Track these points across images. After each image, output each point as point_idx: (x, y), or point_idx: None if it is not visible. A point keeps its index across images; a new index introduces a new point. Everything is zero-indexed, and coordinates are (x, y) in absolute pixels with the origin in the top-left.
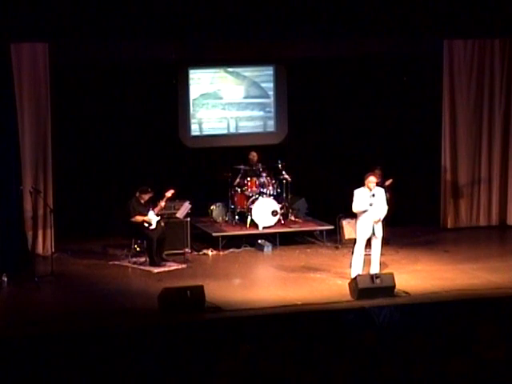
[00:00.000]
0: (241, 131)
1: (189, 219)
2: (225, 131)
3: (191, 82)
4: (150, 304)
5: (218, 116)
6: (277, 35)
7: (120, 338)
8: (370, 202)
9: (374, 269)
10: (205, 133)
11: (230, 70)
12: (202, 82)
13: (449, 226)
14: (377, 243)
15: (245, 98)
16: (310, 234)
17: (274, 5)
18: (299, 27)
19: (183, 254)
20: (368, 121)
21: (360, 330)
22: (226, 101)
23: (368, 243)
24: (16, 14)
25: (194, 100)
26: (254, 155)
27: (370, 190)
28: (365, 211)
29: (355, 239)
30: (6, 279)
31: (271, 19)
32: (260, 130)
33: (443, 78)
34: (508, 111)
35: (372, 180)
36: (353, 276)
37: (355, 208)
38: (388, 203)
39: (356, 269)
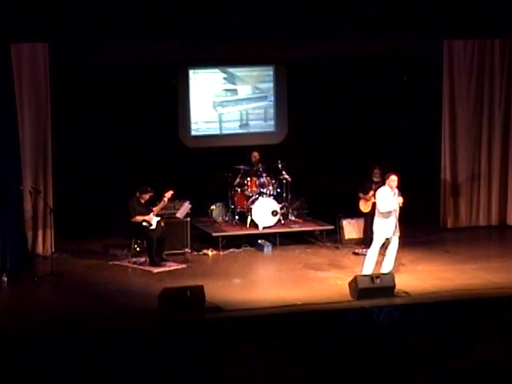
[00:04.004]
0: (245, 130)
1: (189, 219)
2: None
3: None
4: (150, 304)
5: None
6: (277, 35)
7: (120, 338)
8: (398, 201)
9: (389, 267)
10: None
11: (231, 70)
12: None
13: (449, 226)
14: (396, 241)
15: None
16: (310, 234)
17: (274, 5)
18: (299, 27)
19: (183, 253)
20: (368, 121)
21: (360, 330)
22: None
23: (370, 243)
24: (16, 14)
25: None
26: (255, 155)
27: (392, 188)
28: (390, 211)
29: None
30: (6, 279)
31: (271, 19)
32: (262, 124)
33: (443, 78)
34: (508, 111)
35: (394, 179)
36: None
37: (384, 208)
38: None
39: (369, 268)
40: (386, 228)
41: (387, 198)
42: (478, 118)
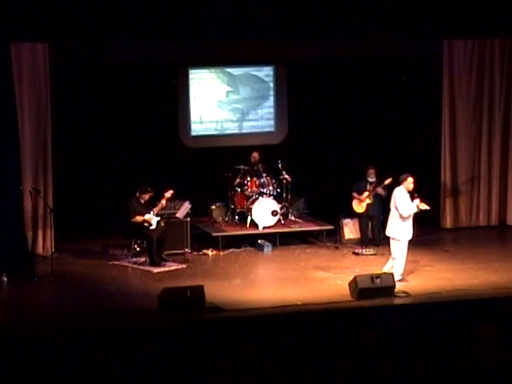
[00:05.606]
0: (245, 130)
1: (189, 219)
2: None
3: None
4: (150, 304)
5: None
6: (277, 35)
7: (120, 338)
8: (416, 203)
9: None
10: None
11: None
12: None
13: (449, 226)
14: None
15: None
16: (310, 233)
17: (274, 5)
18: (299, 27)
19: (183, 253)
20: (368, 121)
21: (360, 330)
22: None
23: (370, 243)
24: (16, 14)
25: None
26: (255, 156)
27: (410, 190)
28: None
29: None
30: (5, 279)
31: (271, 19)
32: (262, 124)
33: (443, 78)
34: (508, 111)
35: (412, 181)
36: (397, 279)
37: (407, 212)
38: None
39: (400, 271)
40: (407, 231)
41: (408, 201)
42: (478, 118)
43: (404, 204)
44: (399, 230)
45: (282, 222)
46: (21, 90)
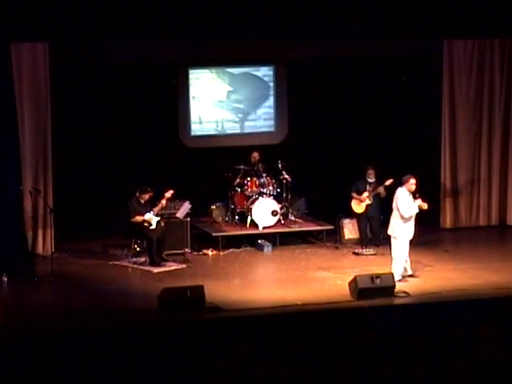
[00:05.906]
0: (245, 130)
1: (189, 219)
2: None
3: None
4: (150, 304)
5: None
6: (277, 35)
7: (120, 338)
8: (418, 203)
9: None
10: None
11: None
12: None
13: (449, 226)
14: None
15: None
16: (310, 233)
17: (274, 5)
18: (299, 27)
19: (183, 253)
20: (368, 121)
21: (360, 330)
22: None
23: (369, 243)
24: (16, 14)
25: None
26: (255, 156)
27: (411, 191)
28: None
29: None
30: (6, 279)
31: (271, 19)
32: (262, 124)
33: (443, 78)
34: (508, 111)
35: (414, 182)
36: (397, 279)
37: (408, 213)
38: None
39: (400, 271)
40: (408, 231)
41: (409, 203)
42: (478, 118)
43: (405, 205)
44: (400, 229)
45: (282, 221)
46: (21, 90)
